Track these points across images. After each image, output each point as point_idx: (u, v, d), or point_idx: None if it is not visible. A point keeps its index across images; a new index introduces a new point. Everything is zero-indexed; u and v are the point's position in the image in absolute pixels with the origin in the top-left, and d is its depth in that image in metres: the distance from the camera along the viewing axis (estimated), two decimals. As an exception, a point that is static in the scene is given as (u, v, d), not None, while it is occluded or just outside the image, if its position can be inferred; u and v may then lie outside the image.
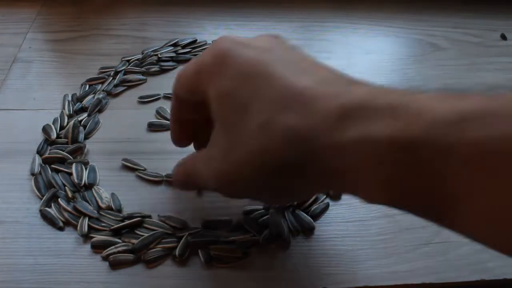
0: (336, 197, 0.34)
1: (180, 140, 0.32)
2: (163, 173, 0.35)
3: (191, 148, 0.33)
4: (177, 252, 0.30)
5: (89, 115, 0.39)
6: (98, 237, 0.31)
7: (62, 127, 0.38)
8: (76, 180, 0.34)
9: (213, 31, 0.48)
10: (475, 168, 0.18)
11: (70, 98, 0.40)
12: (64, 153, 0.35)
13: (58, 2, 0.51)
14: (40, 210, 0.32)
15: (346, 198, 0.34)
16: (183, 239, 0.30)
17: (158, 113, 0.39)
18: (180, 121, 0.31)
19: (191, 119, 0.30)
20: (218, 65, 0.24)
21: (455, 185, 0.19)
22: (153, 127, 0.38)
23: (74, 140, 0.37)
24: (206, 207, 0.33)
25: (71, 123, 0.37)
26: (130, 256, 0.30)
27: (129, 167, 0.35)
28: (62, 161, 0.35)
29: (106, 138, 0.37)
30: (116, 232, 0.31)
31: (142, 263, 0.30)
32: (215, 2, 0.53)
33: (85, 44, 0.46)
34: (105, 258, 0.30)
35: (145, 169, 0.35)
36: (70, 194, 0.33)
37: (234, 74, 0.23)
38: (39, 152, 0.36)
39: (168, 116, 0.39)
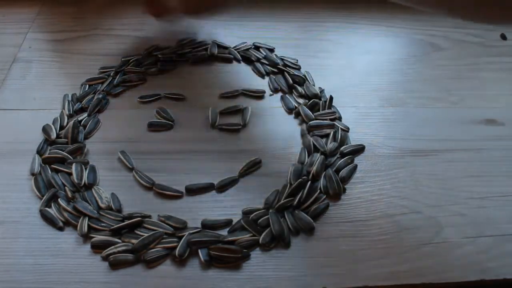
0: (336, 197, 0.34)
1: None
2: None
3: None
4: (177, 252, 0.30)
5: (89, 115, 0.39)
6: (98, 237, 0.31)
7: (62, 127, 0.38)
8: (76, 180, 0.34)
9: (213, 31, 0.49)
10: None
11: (70, 98, 0.40)
12: (64, 153, 0.35)
13: (58, 2, 0.51)
14: (40, 210, 0.32)
15: (346, 198, 0.34)
16: (183, 239, 0.31)
17: (158, 113, 0.39)
18: None
19: None
20: None
21: None
22: (153, 127, 0.38)
23: (74, 140, 0.37)
24: (206, 207, 0.33)
25: (71, 123, 0.37)
26: (130, 256, 0.30)
27: (121, 161, 0.35)
28: (62, 161, 0.35)
29: (106, 138, 0.37)
30: (116, 232, 0.31)
31: (142, 263, 0.30)
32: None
33: (85, 44, 0.46)
34: (105, 258, 0.30)
35: (133, 168, 0.35)
36: (70, 194, 0.33)
37: None
38: (39, 152, 0.36)
39: (168, 116, 0.39)
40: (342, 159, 0.36)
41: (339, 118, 0.40)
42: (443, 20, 0.51)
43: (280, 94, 0.42)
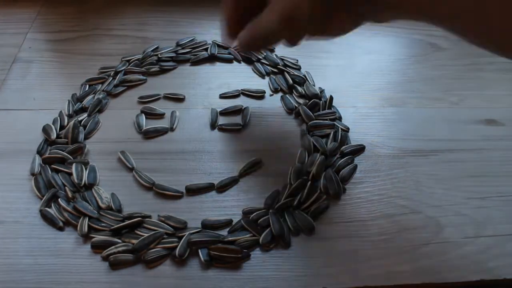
0: (336, 197, 0.34)
1: (235, 30, 0.35)
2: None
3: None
4: (177, 252, 0.30)
5: (89, 115, 0.39)
6: (98, 237, 0.31)
7: (62, 127, 0.38)
8: (76, 180, 0.34)
9: (213, 31, 0.48)
10: None
11: (70, 98, 0.40)
12: (64, 153, 0.35)
13: (58, 2, 0.51)
14: (40, 210, 0.32)
15: (346, 198, 0.34)
16: (183, 239, 0.31)
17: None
18: (236, 9, 0.35)
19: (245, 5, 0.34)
20: None
21: None
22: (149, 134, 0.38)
23: (74, 140, 0.37)
24: (206, 207, 0.33)
25: (71, 123, 0.37)
26: (130, 256, 0.30)
27: (121, 161, 0.35)
28: (62, 161, 0.35)
29: (106, 138, 0.37)
30: (116, 232, 0.31)
31: (142, 263, 0.30)
32: (215, 2, 0.53)
33: (85, 44, 0.46)
34: (105, 258, 0.30)
35: (133, 168, 0.35)
36: (70, 194, 0.33)
37: None
38: (39, 152, 0.36)
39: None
40: (342, 159, 0.36)
41: (339, 118, 0.40)
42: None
43: (280, 94, 0.42)
